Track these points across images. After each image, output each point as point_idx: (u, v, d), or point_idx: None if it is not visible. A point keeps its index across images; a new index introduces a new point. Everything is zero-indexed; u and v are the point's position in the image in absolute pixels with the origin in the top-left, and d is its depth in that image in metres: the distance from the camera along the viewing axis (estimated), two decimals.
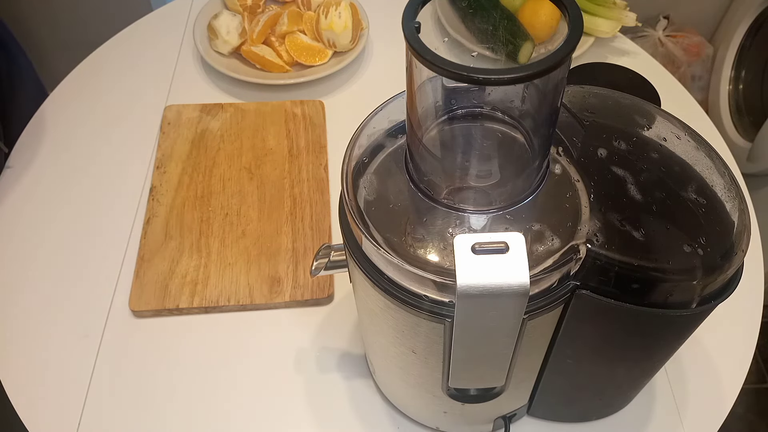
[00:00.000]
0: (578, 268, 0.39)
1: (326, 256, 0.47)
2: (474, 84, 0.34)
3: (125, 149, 0.81)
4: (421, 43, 0.32)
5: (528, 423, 0.60)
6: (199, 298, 0.66)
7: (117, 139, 0.81)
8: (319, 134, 0.82)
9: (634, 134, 0.44)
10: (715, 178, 0.42)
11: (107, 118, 0.84)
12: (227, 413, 0.60)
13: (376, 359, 0.56)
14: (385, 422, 0.60)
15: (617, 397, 0.57)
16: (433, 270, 0.38)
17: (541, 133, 0.40)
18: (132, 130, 0.82)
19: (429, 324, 0.41)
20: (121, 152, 0.80)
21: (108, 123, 0.83)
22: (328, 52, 0.88)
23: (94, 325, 0.66)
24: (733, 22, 1.57)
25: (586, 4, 0.91)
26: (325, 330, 0.66)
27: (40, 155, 0.80)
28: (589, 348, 0.46)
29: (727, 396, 0.62)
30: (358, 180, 0.42)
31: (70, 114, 0.85)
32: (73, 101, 0.86)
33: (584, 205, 0.40)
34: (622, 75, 0.67)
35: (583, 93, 0.47)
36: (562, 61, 0.32)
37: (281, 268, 0.69)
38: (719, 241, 0.40)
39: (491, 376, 0.45)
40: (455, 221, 0.39)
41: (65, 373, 0.62)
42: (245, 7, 0.91)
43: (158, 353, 0.64)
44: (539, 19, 0.85)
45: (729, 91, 1.59)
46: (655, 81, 0.64)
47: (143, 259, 0.69)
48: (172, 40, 0.95)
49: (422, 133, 0.41)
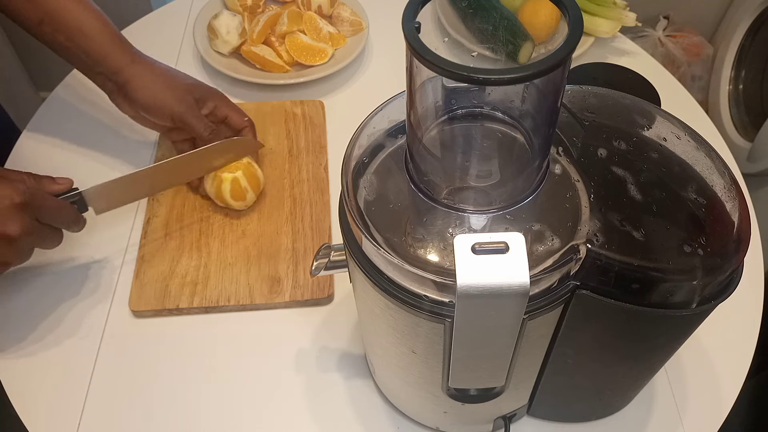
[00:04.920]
0: (578, 268, 0.39)
1: (326, 256, 0.47)
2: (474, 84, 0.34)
3: (125, 149, 0.80)
4: (421, 43, 0.32)
5: (528, 423, 0.60)
6: (199, 298, 0.66)
7: (117, 138, 0.81)
8: (319, 134, 0.82)
9: (634, 134, 0.44)
10: (715, 178, 0.42)
11: (107, 118, 0.84)
12: (227, 413, 0.60)
13: (376, 359, 0.56)
14: (385, 422, 0.60)
15: (617, 397, 0.57)
16: (433, 270, 0.38)
17: (541, 133, 0.40)
18: (132, 130, 0.82)
19: (429, 324, 0.41)
20: (121, 152, 0.80)
21: (108, 123, 0.83)
22: (329, 51, 0.88)
23: (94, 325, 0.66)
24: (733, 22, 1.57)
25: (586, 4, 0.91)
26: (325, 330, 0.66)
27: (39, 155, 0.80)
28: (589, 348, 0.46)
29: (727, 396, 0.62)
30: (358, 180, 0.42)
31: (69, 114, 0.85)
32: (72, 101, 0.86)
33: (584, 205, 0.40)
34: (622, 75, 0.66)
35: (583, 93, 0.47)
36: (562, 61, 0.32)
37: (281, 268, 0.69)
38: (719, 241, 0.40)
39: (491, 376, 0.45)
40: (455, 221, 0.39)
41: (65, 373, 0.62)
42: (245, 7, 0.91)
43: (158, 353, 0.64)
44: (539, 19, 0.85)
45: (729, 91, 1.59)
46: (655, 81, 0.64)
47: (143, 259, 0.69)
48: (172, 40, 0.95)
49: (422, 133, 0.41)
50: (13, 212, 0.54)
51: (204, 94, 0.71)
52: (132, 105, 0.69)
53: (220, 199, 0.70)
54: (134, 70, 0.67)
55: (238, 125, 0.73)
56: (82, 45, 0.66)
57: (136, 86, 0.67)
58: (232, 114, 0.73)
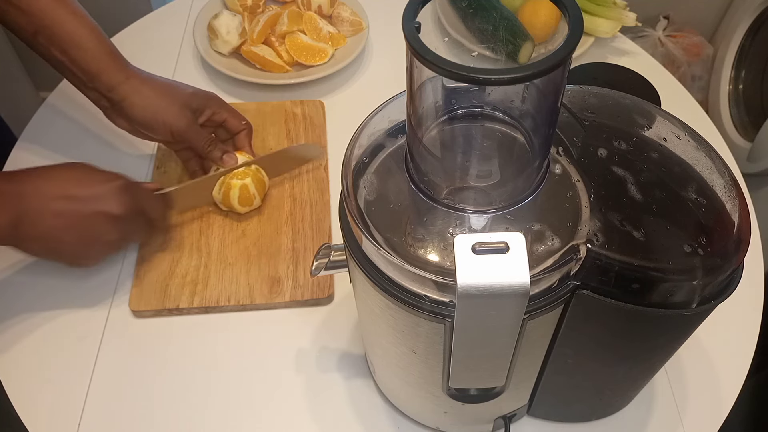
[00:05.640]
0: (578, 268, 0.39)
1: (326, 256, 0.47)
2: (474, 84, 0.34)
3: (125, 149, 0.80)
4: (421, 43, 0.32)
5: (528, 423, 0.60)
6: (199, 298, 0.66)
7: (117, 139, 0.81)
8: (319, 134, 0.82)
9: (634, 134, 0.44)
10: (715, 178, 0.42)
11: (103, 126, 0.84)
12: (227, 413, 0.60)
13: (376, 359, 0.56)
14: (385, 422, 0.60)
15: (617, 397, 0.57)
16: (434, 270, 0.38)
17: (541, 133, 0.40)
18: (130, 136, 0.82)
19: (429, 324, 0.41)
20: (121, 152, 0.80)
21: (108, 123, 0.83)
22: (329, 51, 0.88)
23: (94, 325, 0.66)
24: (733, 22, 1.57)
25: (586, 4, 0.91)
26: (325, 330, 0.66)
27: (40, 156, 0.80)
28: (589, 348, 0.46)
29: (727, 396, 0.62)
30: (358, 180, 0.42)
31: (69, 114, 0.84)
32: (72, 101, 0.86)
33: (584, 205, 0.40)
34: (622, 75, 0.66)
35: (583, 93, 0.47)
36: (562, 61, 0.32)
37: (281, 268, 0.69)
38: (719, 241, 0.40)
39: (491, 376, 0.45)
40: (455, 221, 0.39)
41: (65, 373, 0.62)
42: (245, 7, 0.91)
43: (158, 353, 0.64)
44: (539, 19, 0.85)
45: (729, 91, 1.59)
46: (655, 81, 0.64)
47: (143, 259, 0.69)
48: (172, 40, 0.95)
49: (422, 133, 0.41)
50: (119, 193, 0.60)
51: (201, 102, 0.72)
52: (129, 121, 0.69)
53: (226, 204, 0.71)
54: (129, 86, 0.67)
55: (236, 129, 0.74)
56: (77, 59, 0.65)
57: (131, 103, 0.67)
58: (229, 118, 0.74)
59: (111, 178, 0.61)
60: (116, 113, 0.69)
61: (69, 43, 0.65)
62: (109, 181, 0.60)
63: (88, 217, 0.59)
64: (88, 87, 0.68)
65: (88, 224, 0.59)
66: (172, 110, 0.68)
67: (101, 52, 0.66)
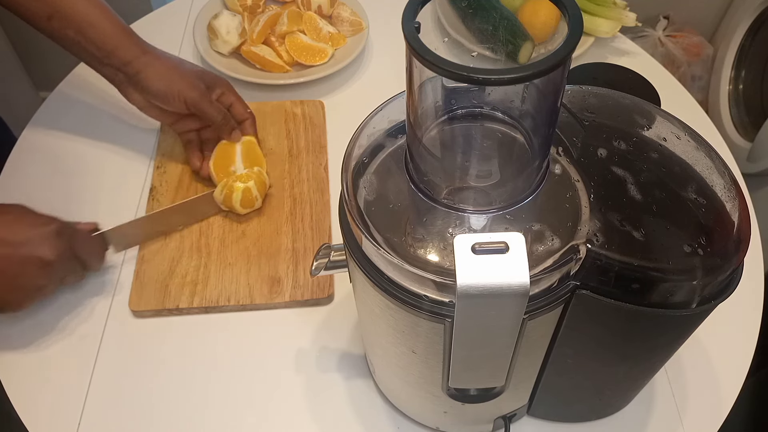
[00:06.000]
0: (578, 268, 0.39)
1: (326, 256, 0.47)
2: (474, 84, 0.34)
3: (125, 149, 0.80)
4: (421, 43, 0.32)
5: (528, 423, 0.60)
6: (199, 298, 0.66)
7: (117, 139, 0.81)
8: (319, 134, 0.82)
9: (634, 134, 0.44)
10: (715, 178, 0.42)
11: (107, 118, 0.84)
12: (227, 413, 0.60)
13: (376, 359, 0.56)
14: (385, 422, 0.60)
15: (617, 397, 0.57)
16: (433, 270, 0.38)
17: (541, 133, 0.40)
18: (132, 131, 0.82)
19: (429, 324, 0.41)
20: (121, 152, 0.80)
21: (108, 123, 0.83)
22: (328, 51, 0.88)
23: (94, 325, 0.66)
24: (733, 22, 1.57)
25: (586, 4, 0.91)
26: (325, 330, 0.66)
27: (40, 156, 0.80)
28: (589, 348, 0.46)
29: (728, 396, 0.62)
30: (358, 180, 0.42)
31: (69, 114, 0.84)
32: (72, 102, 0.86)
33: (584, 205, 0.40)
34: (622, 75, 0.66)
35: (583, 93, 0.47)
36: (562, 61, 0.32)
37: (281, 268, 0.69)
38: (719, 241, 0.40)
39: (491, 376, 0.45)
40: (455, 221, 0.39)
41: (65, 373, 0.62)
42: (245, 7, 0.91)
43: (158, 353, 0.64)
44: (539, 19, 0.85)
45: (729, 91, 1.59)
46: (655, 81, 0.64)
47: (143, 259, 0.69)
48: (172, 40, 0.95)
49: (422, 133, 0.41)
50: (51, 237, 0.58)
51: (212, 80, 0.74)
52: (143, 94, 0.70)
53: (228, 205, 0.71)
54: (145, 60, 0.69)
55: (241, 115, 0.76)
56: (93, 38, 0.67)
57: (148, 76, 0.69)
58: (236, 103, 0.76)
59: (44, 222, 0.59)
60: (132, 86, 0.70)
61: (83, 23, 0.67)
62: (43, 225, 0.58)
63: (18, 263, 0.57)
64: (103, 63, 0.69)
65: (17, 270, 0.57)
66: (186, 81, 0.70)
67: (116, 30, 0.68)
